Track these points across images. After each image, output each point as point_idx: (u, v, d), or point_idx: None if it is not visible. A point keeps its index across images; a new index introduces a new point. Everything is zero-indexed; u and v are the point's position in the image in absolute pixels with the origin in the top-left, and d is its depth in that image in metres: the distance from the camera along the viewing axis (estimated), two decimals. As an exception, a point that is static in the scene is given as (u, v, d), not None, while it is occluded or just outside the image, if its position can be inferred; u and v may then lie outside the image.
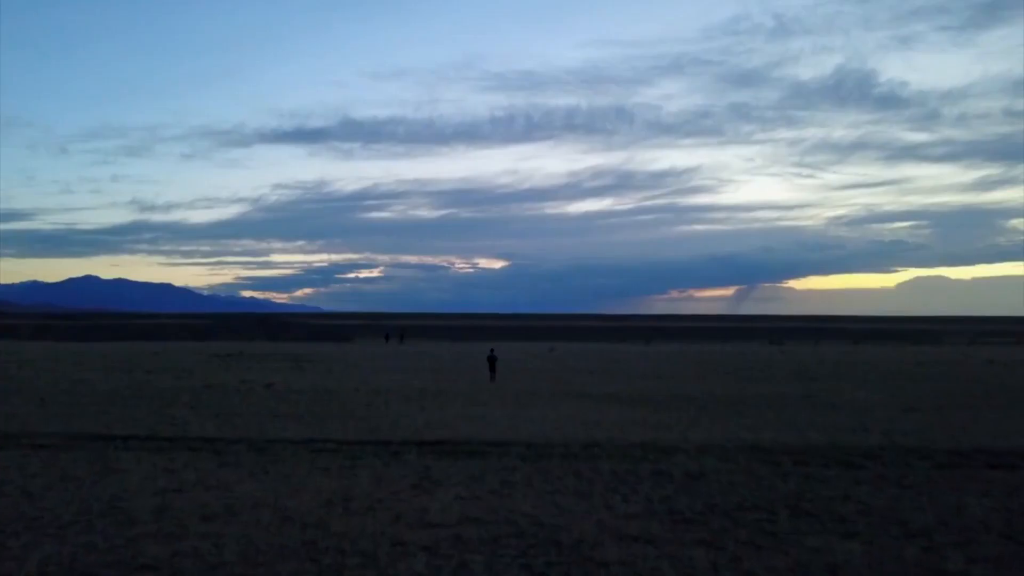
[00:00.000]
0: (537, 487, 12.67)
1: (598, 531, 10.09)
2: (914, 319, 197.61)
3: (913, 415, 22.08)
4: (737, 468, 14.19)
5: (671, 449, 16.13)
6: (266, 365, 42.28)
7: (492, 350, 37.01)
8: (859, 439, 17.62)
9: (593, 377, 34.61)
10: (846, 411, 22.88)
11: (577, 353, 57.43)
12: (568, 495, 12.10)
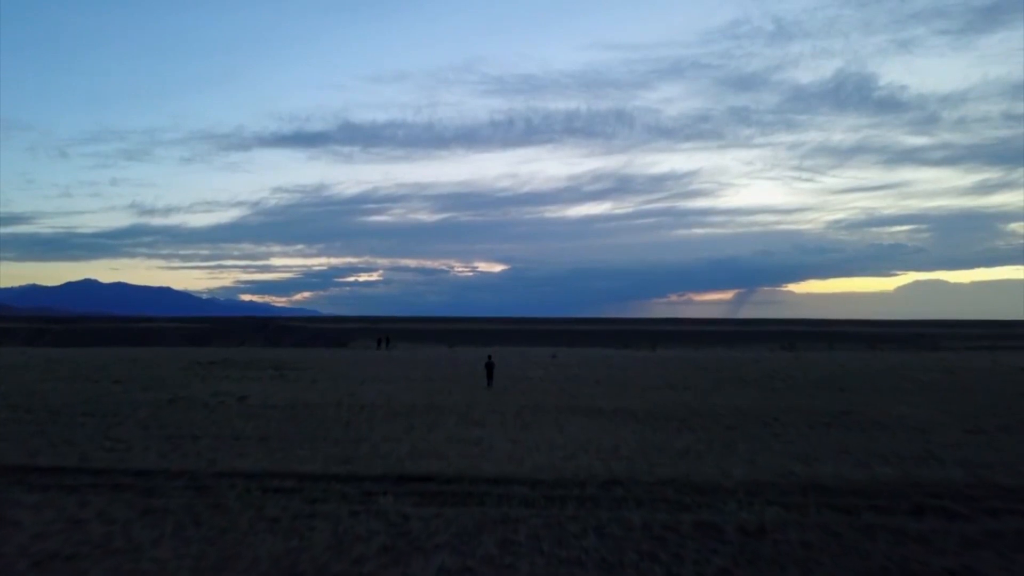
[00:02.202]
0: (548, 551, 9.54)
1: (640, 637, 6.98)
2: (916, 323, 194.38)
3: (980, 438, 18.94)
4: (805, 519, 11.05)
5: (712, 489, 13.00)
6: (248, 374, 39.15)
7: (490, 356, 35.39)
8: (936, 473, 14.49)
9: (601, 388, 31.46)
10: (900, 433, 19.74)
11: (581, 360, 54.25)
12: (591, 568, 8.97)
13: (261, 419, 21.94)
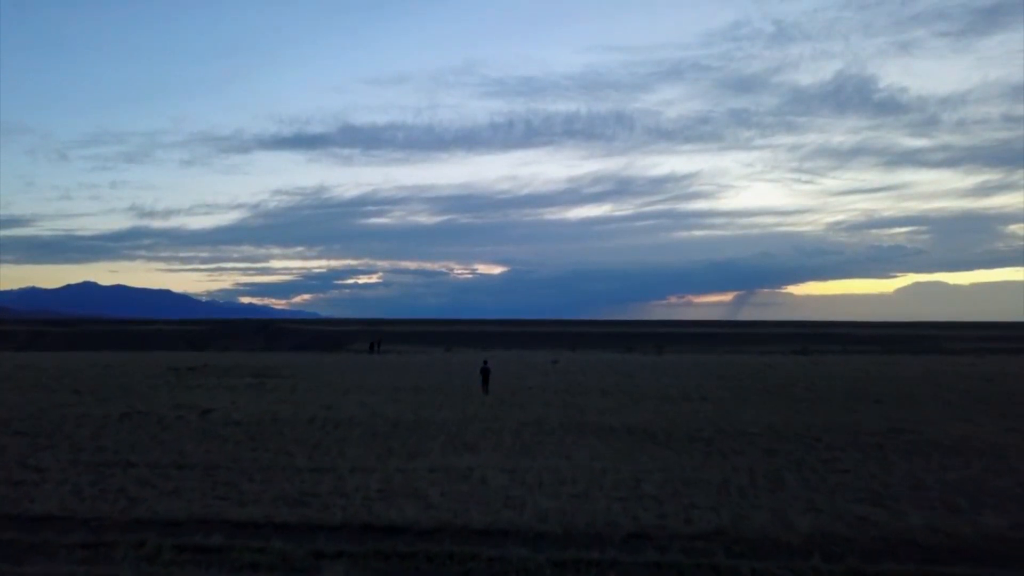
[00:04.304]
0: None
1: None
2: (918, 324, 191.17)
3: (1074, 465, 15.73)
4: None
5: (774, 547, 9.81)
6: (224, 382, 35.97)
7: (486, 361, 32.97)
8: (1053, 521, 11.27)
9: (609, 400, 28.24)
10: (974, 459, 16.52)
11: (584, 365, 51.05)
12: None
13: (216, 440, 18.78)
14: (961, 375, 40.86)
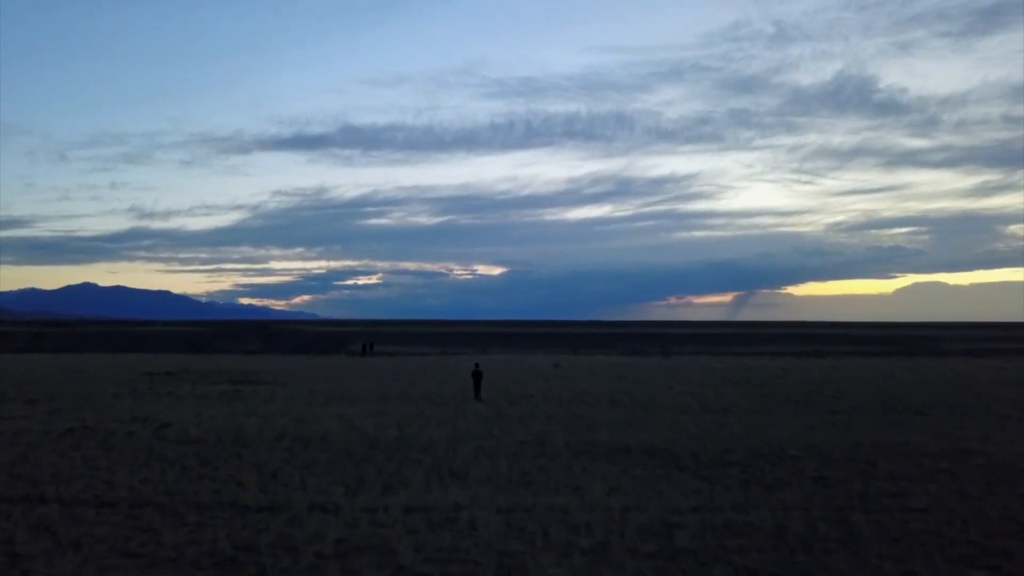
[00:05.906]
0: None
1: None
2: (920, 325, 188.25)
3: None
4: None
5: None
6: (197, 389, 33.02)
7: (477, 365, 31.29)
8: None
9: (620, 411, 25.27)
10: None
11: (587, 370, 48.06)
12: None
13: (160, 464, 15.86)
14: (997, 381, 37.87)
